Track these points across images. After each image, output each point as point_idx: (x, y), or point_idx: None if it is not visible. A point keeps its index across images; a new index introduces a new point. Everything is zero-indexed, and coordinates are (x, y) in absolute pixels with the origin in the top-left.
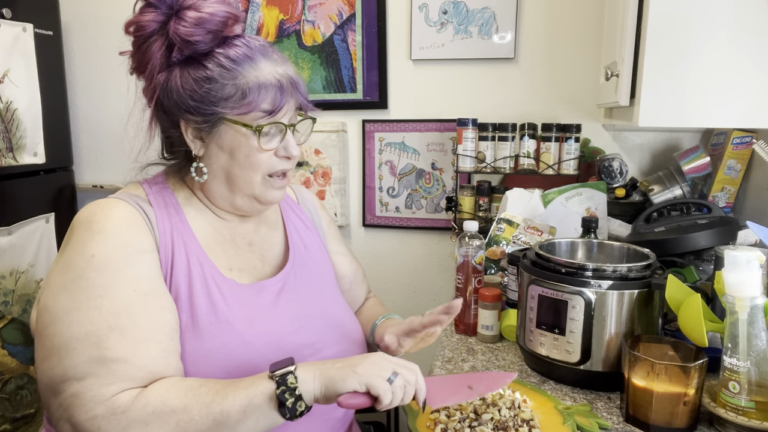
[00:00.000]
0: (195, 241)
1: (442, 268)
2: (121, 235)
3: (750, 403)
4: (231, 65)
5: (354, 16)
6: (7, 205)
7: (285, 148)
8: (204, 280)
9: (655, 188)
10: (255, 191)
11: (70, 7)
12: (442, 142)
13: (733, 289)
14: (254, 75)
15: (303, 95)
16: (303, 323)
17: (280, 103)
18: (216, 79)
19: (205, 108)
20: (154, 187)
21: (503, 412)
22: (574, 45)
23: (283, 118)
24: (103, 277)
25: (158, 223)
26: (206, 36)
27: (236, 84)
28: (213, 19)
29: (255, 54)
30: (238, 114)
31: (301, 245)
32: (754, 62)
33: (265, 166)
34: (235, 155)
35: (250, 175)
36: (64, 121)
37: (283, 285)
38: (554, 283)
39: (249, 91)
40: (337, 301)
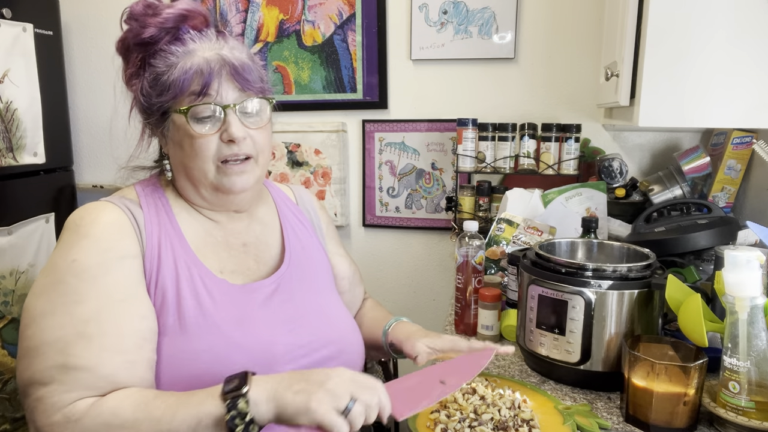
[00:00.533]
0: (185, 244)
1: (442, 268)
2: (104, 240)
3: (750, 403)
4: (169, 56)
5: (354, 16)
6: (7, 205)
7: (226, 130)
8: (192, 283)
9: (655, 188)
10: (212, 180)
11: (70, 7)
12: (442, 142)
13: (733, 289)
14: (187, 61)
15: (244, 76)
16: (297, 324)
17: (206, 81)
18: (160, 74)
19: (153, 102)
20: (146, 189)
21: (503, 412)
22: (574, 45)
23: (217, 99)
24: (81, 282)
25: (146, 226)
26: (159, 32)
27: (172, 74)
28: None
29: (194, 42)
30: (173, 101)
31: (298, 245)
32: (754, 62)
33: (209, 152)
34: (183, 146)
35: (200, 165)
36: (64, 121)
37: (278, 286)
38: (554, 283)
39: (178, 77)
40: (334, 302)
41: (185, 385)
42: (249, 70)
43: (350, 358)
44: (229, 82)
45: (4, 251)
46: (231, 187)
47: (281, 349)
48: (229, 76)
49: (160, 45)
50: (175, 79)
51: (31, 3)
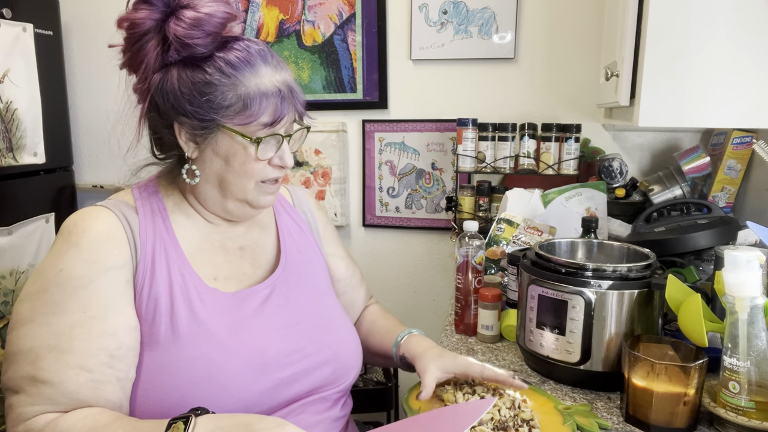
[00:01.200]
0: (179, 251)
1: (442, 268)
2: (92, 251)
3: (750, 403)
4: (231, 71)
5: (354, 16)
6: (7, 205)
7: (280, 157)
8: (185, 291)
9: (655, 188)
10: (247, 197)
11: (70, 7)
12: (442, 142)
13: (733, 289)
14: (255, 83)
15: (300, 103)
16: (291, 329)
17: (281, 114)
18: (216, 85)
19: (203, 114)
20: (144, 193)
21: (503, 412)
22: (574, 45)
23: (281, 129)
24: (63, 293)
25: (141, 233)
26: (206, 39)
27: (237, 93)
28: (211, 20)
29: (255, 60)
30: (237, 124)
31: (294, 248)
32: (754, 62)
33: (259, 174)
34: (231, 162)
35: (243, 182)
36: (64, 121)
37: (272, 290)
38: (554, 283)
39: (251, 102)
40: (331, 306)
41: (181, 394)
42: (303, 97)
43: (346, 364)
44: (292, 110)
45: (4, 251)
46: (263, 205)
47: (275, 355)
48: (294, 105)
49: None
50: (251, 101)
51: (31, 3)
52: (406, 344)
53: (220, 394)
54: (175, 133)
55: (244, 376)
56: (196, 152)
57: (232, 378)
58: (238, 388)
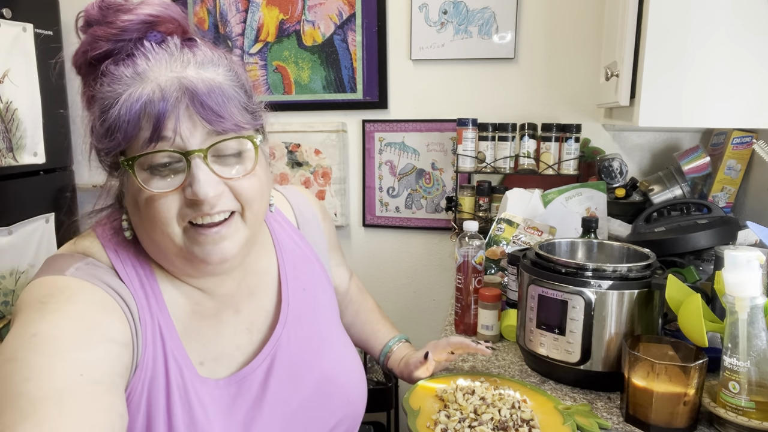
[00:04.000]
0: (173, 334)
1: (442, 268)
2: (85, 318)
3: (750, 403)
4: (115, 83)
5: (354, 16)
6: (7, 205)
7: (190, 185)
8: (183, 390)
9: (655, 188)
10: (180, 246)
11: (70, 7)
12: (442, 142)
13: (733, 289)
14: (135, 90)
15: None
16: (297, 416)
17: (159, 121)
18: (106, 108)
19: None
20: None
21: (503, 412)
22: (574, 45)
23: (176, 141)
24: (40, 357)
25: (140, 313)
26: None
27: (115, 109)
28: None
29: (143, 57)
30: (126, 147)
31: (298, 288)
32: (754, 62)
33: (170, 213)
34: (138, 203)
35: (161, 228)
36: (64, 121)
37: (272, 360)
38: (554, 283)
39: (121, 113)
40: (338, 349)
41: None
42: (222, 99)
43: (355, 419)
44: (192, 118)
45: (4, 251)
46: (206, 258)
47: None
48: (191, 109)
49: (105, 65)
50: (117, 117)
51: (31, 3)
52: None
53: None
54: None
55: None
56: (126, 199)
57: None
58: None
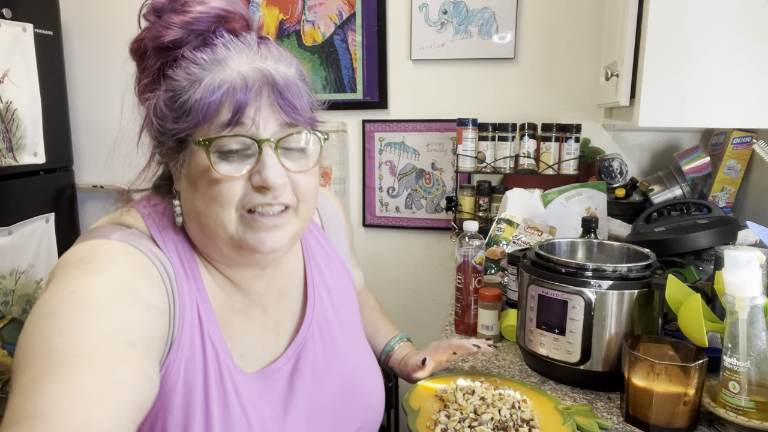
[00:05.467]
0: (211, 316)
1: (442, 268)
2: (125, 281)
3: (750, 403)
4: (197, 69)
5: (354, 16)
6: (7, 205)
7: (259, 172)
8: (219, 374)
9: (655, 188)
10: (231, 233)
11: (70, 7)
12: (442, 142)
13: (733, 289)
14: (216, 75)
15: (290, 100)
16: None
17: (241, 108)
18: (180, 91)
19: (165, 129)
20: (160, 224)
21: (503, 412)
22: (574, 45)
23: (252, 129)
24: (76, 314)
25: (178, 283)
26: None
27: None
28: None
29: (224, 47)
30: (194, 130)
31: (323, 289)
32: (754, 62)
33: (233, 198)
34: (198, 186)
35: (217, 212)
36: (64, 121)
37: (296, 361)
38: (554, 283)
39: (200, 96)
40: (360, 352)
41: None
42: (298, 93)
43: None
44: (271, 108)
45: (4, 251)
46: (257, 246)
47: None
48: (271, 99)
49: (183, 51)
50: (199, 99)
51: (31, 3)
52: (394, 360)
53: None
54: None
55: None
56: (179, 184)
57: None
58: None
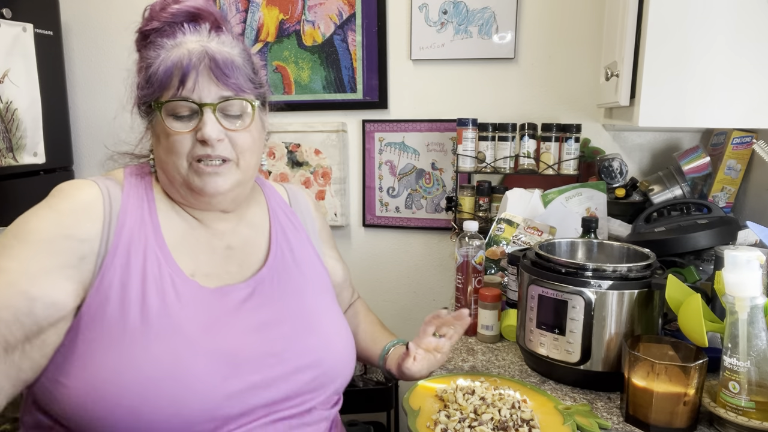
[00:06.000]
0: (160, 240)
1: (442, 268)
2: (63, 216)
3: (750, 403)
4: (159, 49)
5: (354, 16)
6: (7, 205)
7: (200, 129)
8: (160, 282)
9: (655, 188)
10: (184, 177)
11: (70, 7)
12: (442, 142)
13: (733, 289)
14: (171, 53)
15: (224, 72)
16: (270, 330)
17: (184, 76)
18: (149, 66)
19: (140, 96)
20: (135, 177)
21: (503, 412)
22: (574, 45)
23: (194, 95)
24: (14, 240)
25: (120, 215)
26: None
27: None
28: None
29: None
30: (158, 95)
31: (286, 248)
32: (754, 62)
33: (183, 149)
34: (161, 141)
35: (173, 160)
36: (64, 121)
37: (253, 290)
38: (554, 283)
39: (159, 68)
40: (323, 307)
41: (141, 389)
42: (233, 67)
43: (331, 370)
44: (209, 78)
45: None
46: (202, 188)
47: (248, 356)
48: (209, 70)
49: (156, 32)
50: (157, 71)
51: (31, 3)
52: (390, 361)
53: (183, 394)
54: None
55: (211, 377)
56: (152, 141)
57: (197, 377)
58: (205, 389)
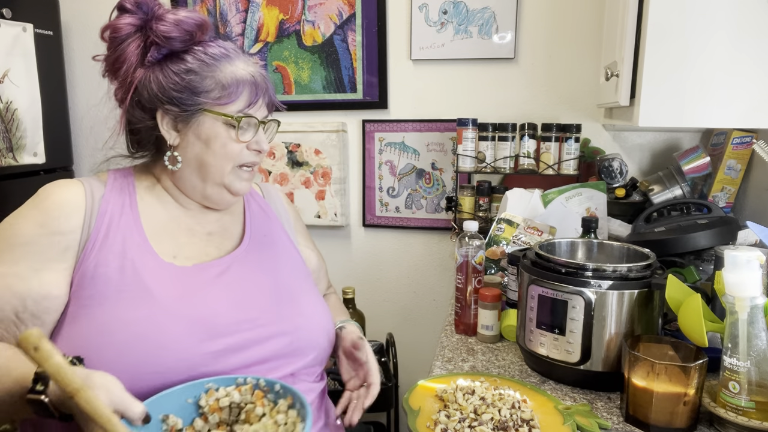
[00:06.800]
0: (139, 227)
1: (442, 268)
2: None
3: (750, 403)
4: (210, 60)
5: (354, 16)
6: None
7: (257, 141)
8: (135, 263)
9: (655, 188)
10: (225, 180)
11: (70, 7)
12: (442, 142)
13: (733, 289)
14: (231, 70)
15: (272, 94)
16: (245, 300)
17: (255, 98)
18: (197, 72)
19: (186, 98)
20: (118, 175)
21: (503, 412)
22: (574, 45)
23: (257, 113)
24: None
25: (101, 205)
26: (184, 34)
27: (215, 77)
28: (188, 21)
29: (230, 52)
30: (218, 105)
31: (259, 233)
32: (754, 62)
33: (237, 157)
34: (211, 145)
35: (222, 165)
36: (64, 121)
37: (228, 266)
38: (554, 283)
39: (228, 84)
40: (297, 286)
41: (116, 352)
42: (274, 91)
43: (306, 339)
44: (265, 98)
45: None
46: (239, 190)
47: (223, 321)
48: (266, 94)
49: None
50: (228, 84)
51: (31, 3)
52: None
53: (159, 352)
54: (158, 123)
55: (187, 337)
56: (178, 139)
57: (173, 338)
58: (181, 348)
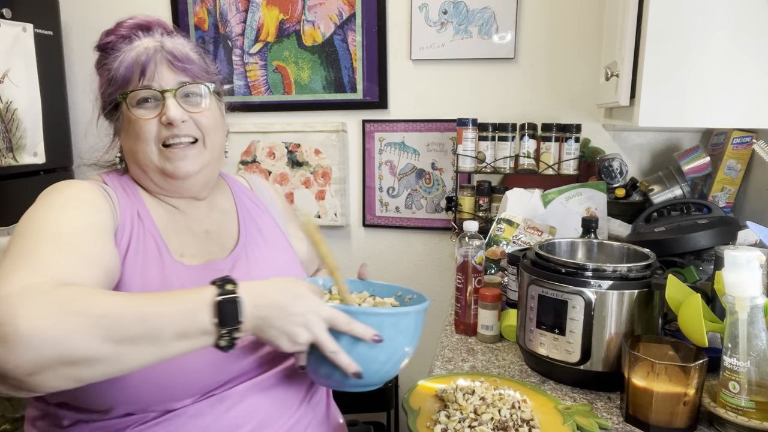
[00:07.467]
0: (152, 223)
1: (442, 268)
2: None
3: (750, 403)
4: (118, 54)
5: (354, 16)
6: (7, 205)
7: (164, 113)
8: (160, 260)
9: (655, 188)
10: (156, 164)
11: (70, 7)
12: (442, 142)
13: (733, 289)
14: (129, 53)
15: (181, 61)
16: None
17: (144, 68)
18: (111, 70)
19: (104, 92)
20: (114, 178)
21: (503, 412)
22: (574, 45)
23: (155, 84)
24: (49, 212)
25: (120, 203)
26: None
27: (115, 64)
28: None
29: (134, 33)
30: (119, 90)
31: (254, 228)
32: (754, 62)
33: (150, 134)
34: (128, 132)
35: (143, 147)
36: (64, 121)
37: (233, 265)
38: (554, 283)
39: (119, 66)
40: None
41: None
42: (187, 57)
43: None
44: (168, 68)
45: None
46: (175, 171)
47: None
48: (166, 61)
49: (112, 45)
50: (119, 69)
51: (31, 3)
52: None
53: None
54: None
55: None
56: (118, 140)
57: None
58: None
